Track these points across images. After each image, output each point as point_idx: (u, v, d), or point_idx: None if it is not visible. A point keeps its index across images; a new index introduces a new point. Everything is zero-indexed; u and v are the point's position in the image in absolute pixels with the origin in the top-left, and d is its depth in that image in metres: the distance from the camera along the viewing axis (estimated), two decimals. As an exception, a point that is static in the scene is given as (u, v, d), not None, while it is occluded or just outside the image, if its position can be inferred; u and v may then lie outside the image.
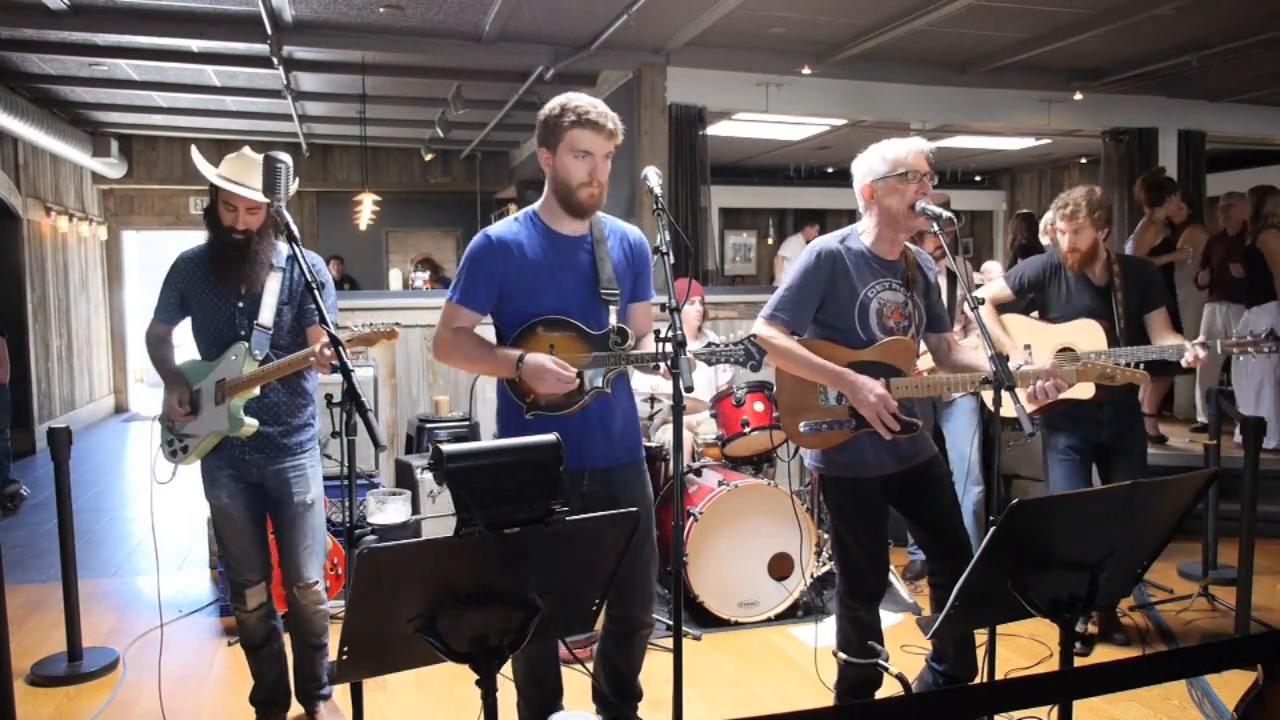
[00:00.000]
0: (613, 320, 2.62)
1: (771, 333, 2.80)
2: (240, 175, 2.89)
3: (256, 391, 2.93)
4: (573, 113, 2.48)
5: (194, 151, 3.04)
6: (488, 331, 2.69)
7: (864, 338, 2.77)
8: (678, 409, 2.23)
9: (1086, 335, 3.56)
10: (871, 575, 2.84)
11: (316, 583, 3.06)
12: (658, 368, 2.56)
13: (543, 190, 2.67)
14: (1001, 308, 3.83)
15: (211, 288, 2.95)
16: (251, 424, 2.91)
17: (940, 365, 2.96)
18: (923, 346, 2.95)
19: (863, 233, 2.85)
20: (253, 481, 3.00)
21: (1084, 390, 3.49)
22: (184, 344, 3.14)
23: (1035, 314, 3.80)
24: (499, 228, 2.63)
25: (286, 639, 3.18)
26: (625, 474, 2.67)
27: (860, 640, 2.91)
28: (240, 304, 2.94)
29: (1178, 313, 5.74)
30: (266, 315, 2.93)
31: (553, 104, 2.54)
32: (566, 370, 2.46)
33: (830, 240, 2.85)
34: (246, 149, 2.95)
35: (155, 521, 3.52)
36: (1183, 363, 3.28)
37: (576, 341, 2.56)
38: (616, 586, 2.57)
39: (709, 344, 2.52)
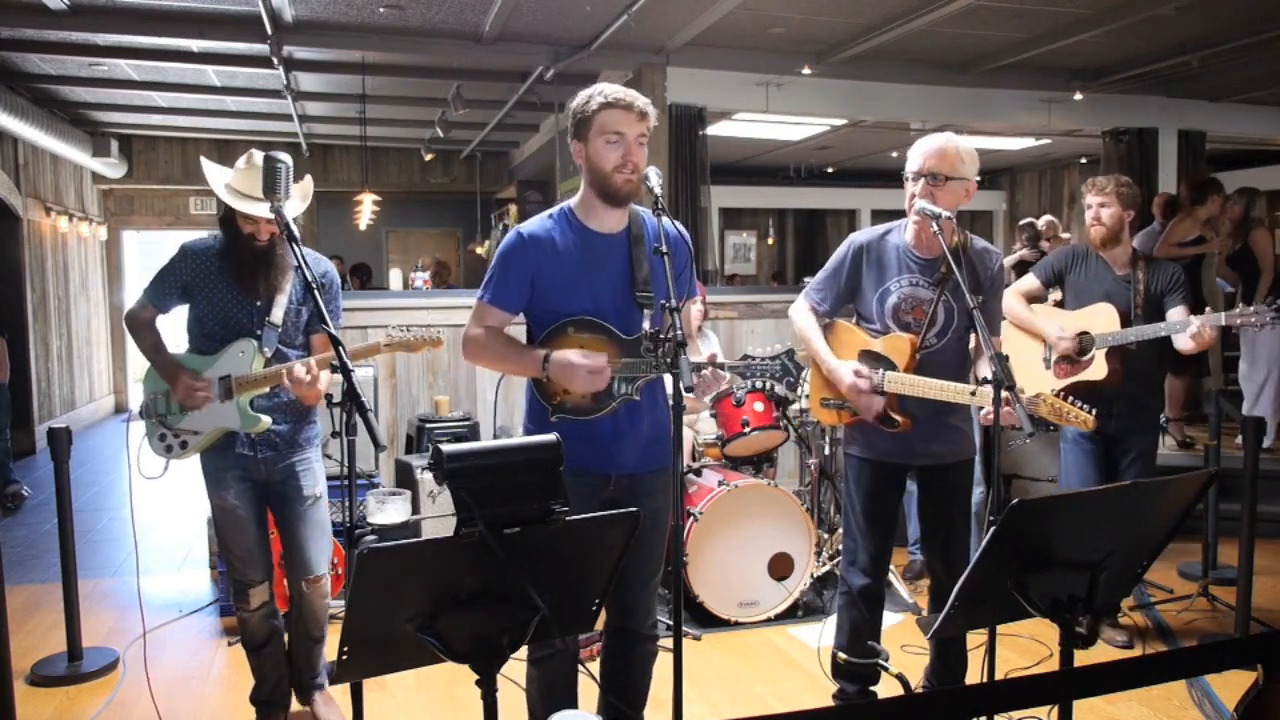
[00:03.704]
0: (646, 325, 2.51)
1: (801, 308, 3.02)
2: (256, 188, 2.80)
3: (266, 388, 2.92)
4: (600, 95, 2.39)
5: (205, 163, 2.95)
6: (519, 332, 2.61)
7: (879, 328, 2.87)
8: (678, 409, 2.22)
9: (1101, 319, 3.62)
10: (863, 548, 2.94)
11: (324, 576, 3.06)
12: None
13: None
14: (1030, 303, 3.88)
15: (225, 283, 2.92)
16: (266, 421, 2.90)
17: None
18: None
19: (906, 226, 2.89)
20: (259, 479, 2.99)
21: (1098, 370, 3.54)
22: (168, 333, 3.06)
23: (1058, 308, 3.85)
24: (531, 224, 2.52)
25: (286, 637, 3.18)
26: (651, 482, 2.56)
27: (858, 638, 2.94)
28: (258, 302, 2.93)
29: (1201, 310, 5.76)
30: (277, 313, 2.93)
31: (580, 95, 2.45)
32: (596, 361, 2.35)
33: (868, 232, 2.96)
34: (256, 154, 2.84)
35: (144, 524, 3.51)
36: (1188, 337, 3.34)
37: (607, 345, 2.45)
38: (611, 595, 2.53)
39: (745, 356, 2.45)
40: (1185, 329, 3.35)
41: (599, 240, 2.49)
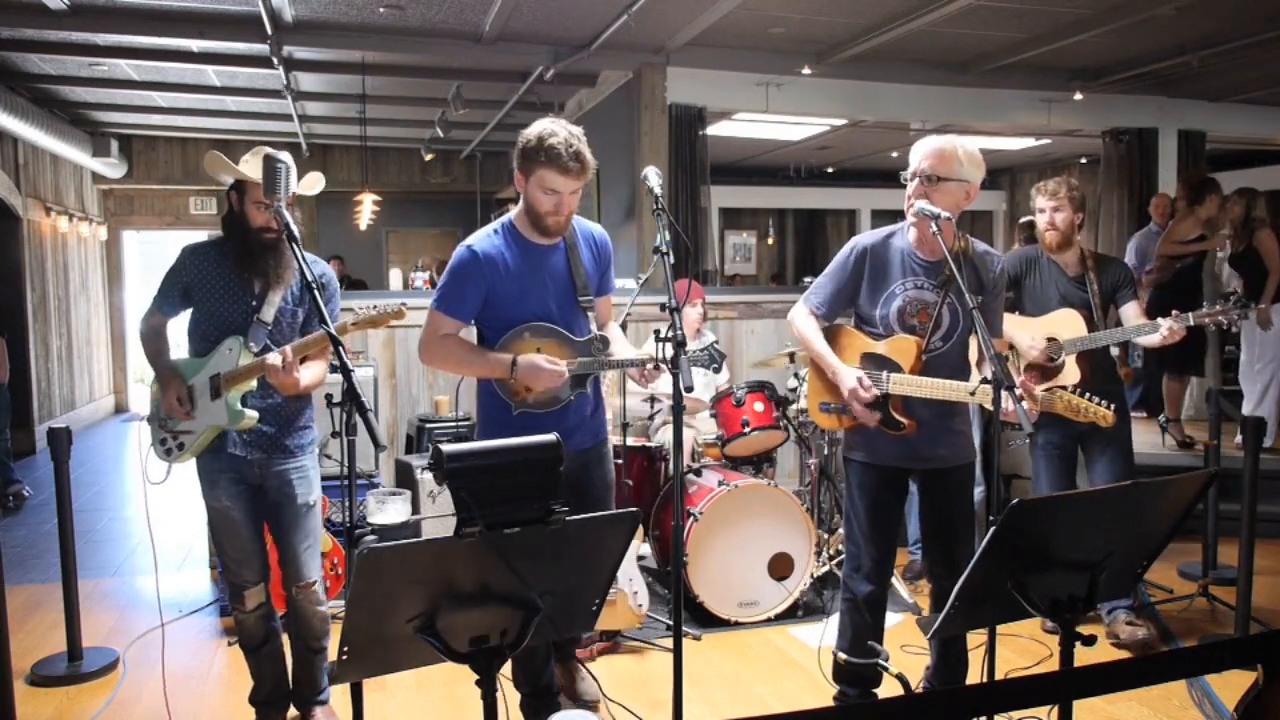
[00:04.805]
0: (593, 327, 2.87)
1: (800, 312, 2.99)
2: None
3: (254, 385, 2.91)
4: (545, 152, 2.61)
5: (217, 155, 2.90)
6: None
7: (882, 331, 2.85)
8: (678, 409, 2.25)
9: (1068, 324, 3.63)
10: (867, 554, 2.92)
11: (316, 582, 3.05)
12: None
13: None
14: None
15: (223, 282, 2.92)
16: (252, 416, 2.89)
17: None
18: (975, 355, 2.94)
19: (909, 229, 2.87)
20: (253, 483, 2.99)
21: (1071, 375, 3.55)
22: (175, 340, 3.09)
23: (1016, 313, 3.83)
24: (480, 241, 2.79)
25: (285, 640, 3.18)
26: (596, 450, 2.97)
27: (859, 641, 2.94)
28: (252, 301, 2.93)
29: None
30: (268, 311, 2.92)
31: (531, 134, 2.66)
32: (558, 364, 2.69)
33: (871, 235, 2.93)
34: (268, 149, 2.84)
35: (154, 522, 3.52)
36: (1158, 338, 3.43)
37: (561, 348, 2.77)
38: None
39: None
40: (1156, 331, 3.43)
41: (539, 251, 2.80)
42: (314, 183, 3.06)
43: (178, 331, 3.08)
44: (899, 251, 2.85)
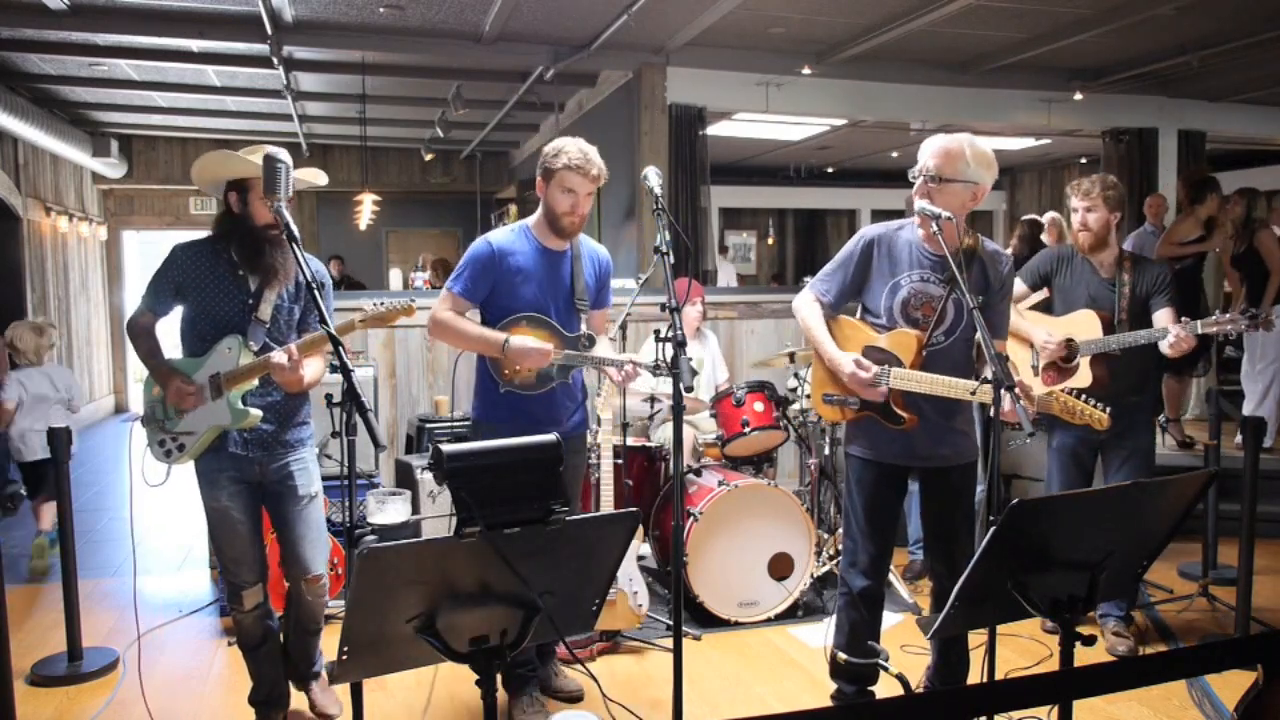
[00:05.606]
0: (583, 327, 3.16)
1: (806, 299, 3.02)
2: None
3: (255, 383, 2.91)
4: (566, 157, 3.01)
5: (215, 154, 2.89)
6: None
7: (886, 323, 2.86)
8: (678, 409, 2.25)
9: (1084, 325, 3.60)
10: (864, 549, 2.93)
11: (323, 575, 3.05)
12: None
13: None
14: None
15: (218, 280, 2.91)
16: (255, 414, 2.88)
17: None
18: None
19: (918, 223, 2.88)
20: (252, 481, 2.98)
21: (1083, 378, 3.53)
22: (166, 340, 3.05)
23: (1048, 313, 3.82)
24: (500, 237, 3.12)
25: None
26: (577, 440, 3.26)
27: (857, 639, 2.95)
28: (249, 300, 2.92)
29: (1206, 311, 5.74)
30: (265, 309, 2.92)
31: (552, 146, 3.05)
32: (545, 345, 2.97)
33: (880, 226, 2.95)
34: (269, 148, 2.82)
35: (144, 526, 3.51)
36: (1166, 345, 3.37)
37: (552, 338, 3.06)
38: None
39: (656, 361, 2.78)
40: (1164, 338, 3.36)
41: (550, 254, 3.13)
42: (314, 175, 3.04)
43: (171, 332, 3.06)
44: (908, 244, 2.85)
